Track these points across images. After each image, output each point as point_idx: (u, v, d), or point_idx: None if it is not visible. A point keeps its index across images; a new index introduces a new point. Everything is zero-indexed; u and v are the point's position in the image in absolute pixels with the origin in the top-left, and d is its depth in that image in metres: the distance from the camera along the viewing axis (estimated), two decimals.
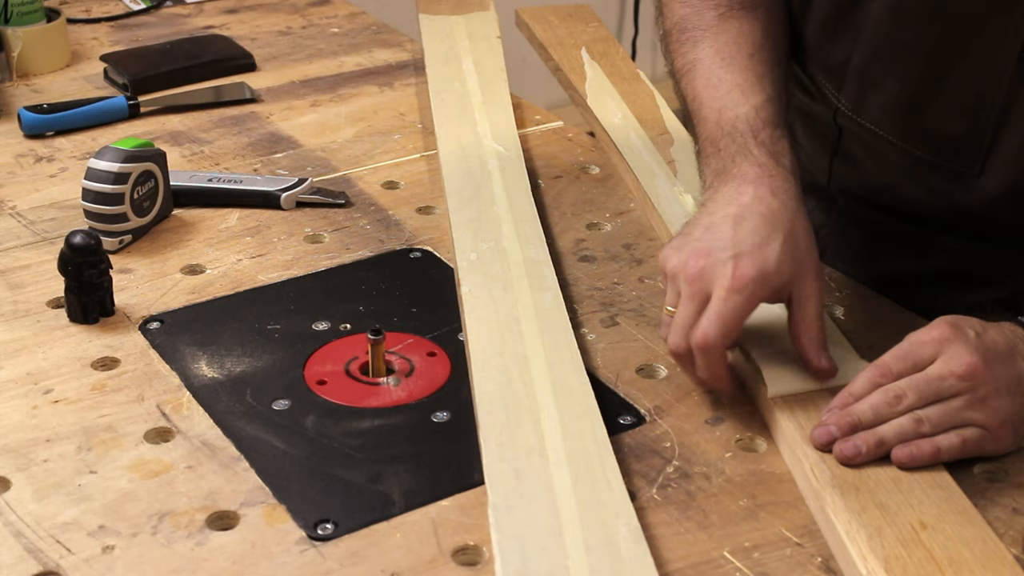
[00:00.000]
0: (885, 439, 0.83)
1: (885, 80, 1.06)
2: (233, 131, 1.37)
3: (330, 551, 0.78)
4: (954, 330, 0.86)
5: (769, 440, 0.88)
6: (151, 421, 0.89)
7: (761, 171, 0.94)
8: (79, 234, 0.99)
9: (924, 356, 0.85)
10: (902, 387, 0.85)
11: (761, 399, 0.91)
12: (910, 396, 0.84)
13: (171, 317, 1.02)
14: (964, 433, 0.84)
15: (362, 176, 1.26)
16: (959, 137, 1.03)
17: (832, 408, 0.86)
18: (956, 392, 0.84)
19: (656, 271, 1.07)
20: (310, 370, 0.95)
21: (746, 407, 0.92)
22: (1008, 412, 0.85)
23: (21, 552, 0.77)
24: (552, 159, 1.30)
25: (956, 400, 0.84)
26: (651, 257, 1.11)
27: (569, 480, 0.80)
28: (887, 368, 0.86)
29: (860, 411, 0.85)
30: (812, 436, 0.85)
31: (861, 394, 0.86)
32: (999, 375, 0.85)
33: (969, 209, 1.07)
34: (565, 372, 0.91)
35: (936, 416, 0.84)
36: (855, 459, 0.83)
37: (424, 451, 0.87)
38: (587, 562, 0.74)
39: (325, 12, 1.74)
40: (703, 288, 0.88)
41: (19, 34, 1.49)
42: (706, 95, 1.03)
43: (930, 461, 0.83)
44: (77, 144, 1.33)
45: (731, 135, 0.98)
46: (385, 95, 1.47)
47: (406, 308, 1.03)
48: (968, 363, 0.84)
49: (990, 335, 0.86)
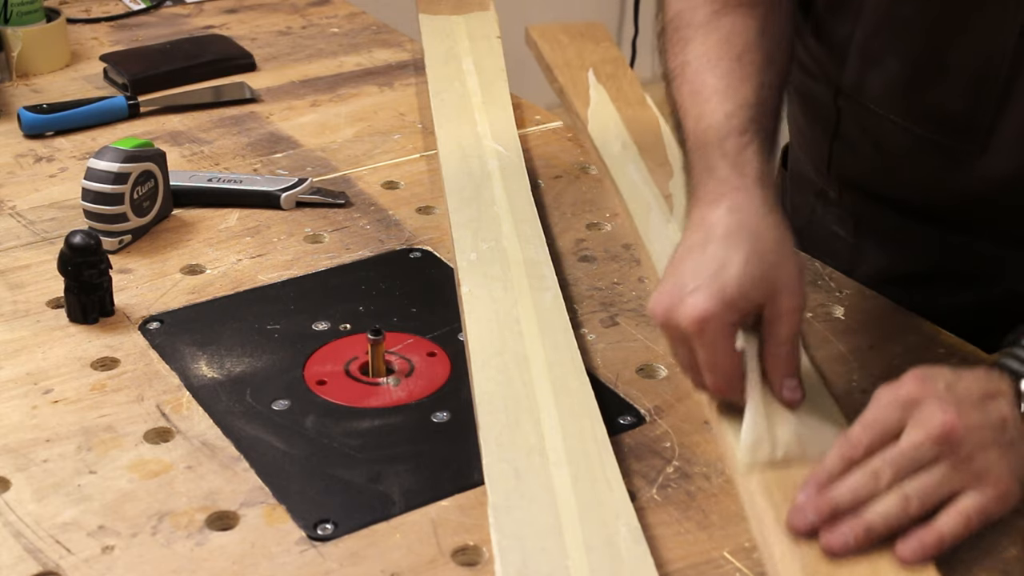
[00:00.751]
0: (872, 526, 0.75)
1: (886, 57, 1.04)
2: (233, 131, 1.37)
3: (330, 551, 0.78)
4: (922, 385, 0.78)
5: None
6: (151, 421, 0.89)
7: (722, 188, 0.88)
8: (79, 234, 0.99)
9: (893, 422, 0.78)
10: (878, 464, 0.77)
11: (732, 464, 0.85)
12: (887, 472, 0.76)
13: (171, 317, 1.02)
14: (963, 508, 0.76)
15: (362, 176, 1.26)
16: (960, 114, 1.01)
17: (808, 487, 0.78)
18: (936, 457, 0.76)
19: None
20: (310, 370, 0.95)
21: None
22: (1000, 464, 0.77)
23: (21, 552, 0.77)
24: (552, 159, 1.30)
25: (939, 467, 0.76)
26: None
27: (569, 480, 0.80)
28: (857, 440, 0.78)
29: (838, 495, 0.76)
30: (788, 521, 0.77)
31: (834, 471, 0.78)
32: (979, 426, 0.77)
33: (968, 197, 1.05)
34: (565, 372, 0.91)
35: (922, 489, 0.76)
36: (844, 551, 0.75)
37: (424, 451, 0.87)
38: (587, 562, 0.74)
39: (325, 12, 1.74)
40: (678, 331, 0.84)
41: (19, 34, 1.49)
42: (689, 103, 0.97)
43: (937, 553, 0.75)
44: (77, 144, 1.33)
45: (701, 149, 0.93)
46: (385, 95, 1.47)
47: (406, 308, 1.03)
48: (942, 423, 0.76)
49: (963, 384, 0.79)
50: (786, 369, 0.86)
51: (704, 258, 0.85)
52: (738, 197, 0.87)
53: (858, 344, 0.99)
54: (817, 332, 1.00)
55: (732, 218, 0.86)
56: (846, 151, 1.16)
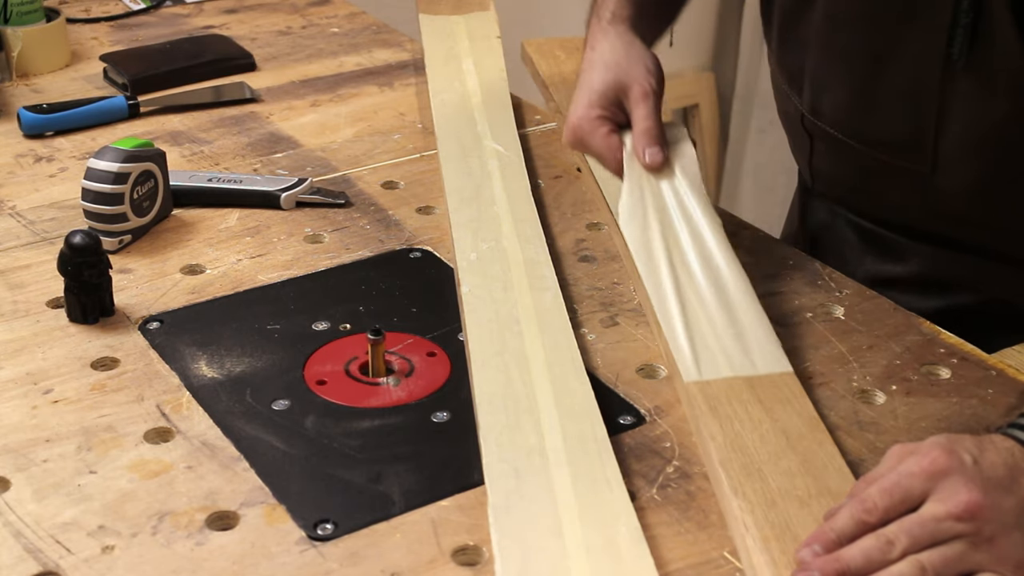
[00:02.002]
0: None
1: (832, 85, 1.12)
2: (233, 131, 1.37)
3: (330, 551, 0.78)
4: (948, 458, 0.75)
5: None
6: (151, 421, 0.89)
7: (590, 35, 1.20)
8: (79, 234, 0.99)
9: (915, 492, 0.75)
10: (894, 531, 0.73)
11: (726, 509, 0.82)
12: (903, 541, 0.73)
13: (171, 317, 1.02)
14: None
15: (362, 176, 1.26)
16: (906, 136, 1.06)
17: (811, 545, 0.74)
18: (957, 535, 0.73)
19: None
20: (310, 370, 0.95)
21: None
22: (1022, 548, 0.74)
23: (21, 552, 0.77)
24: (552, 159, 1.30)
25: (958, 543, 0.73)
26: None
27: (569, 480, 0.80)
28: (873, 504, 0.75)
29: (849, 557, 0.72)
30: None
31: (844, 532, 0.74)
32: (1003, 507, 0.74)
33: (935, 212, 1.09)
34: (565, 372, 0.91)
35: (939, 562, 0.72)
36: None
37: (424, 451, 0.87)
38: (587, 562, 0.74)
39: (325, 12, 1.74)
40: (571, 141, 1.18)
41: (19, 34, 1.49)
42: None
43: None
44: (77, 144, 1.33)
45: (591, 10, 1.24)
46: (385, 95, 1.47)
47: (406, 308, 1.03)
48: (967, 501, 0.73)
49: (988, 458, 0.76)
50: (646, 141, 1.09)
51: (577, 89, 1.17)
52: (596, 37, 1.19)
53: (858, 344, 0.99)
54: (817, 332, 1.00)
55: (592, 54, 1.18)
56: (823, 168, 1.21)
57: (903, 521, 0.74)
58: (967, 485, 0.74)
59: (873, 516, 0.74)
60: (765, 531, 0.76)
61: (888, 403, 0.92)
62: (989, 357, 0.98)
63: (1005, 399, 0.92)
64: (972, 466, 0.75)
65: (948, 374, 0.95)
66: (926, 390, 0.94)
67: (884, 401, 0.92)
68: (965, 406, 0.92)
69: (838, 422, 0.90)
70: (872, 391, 0.93)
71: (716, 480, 0.82)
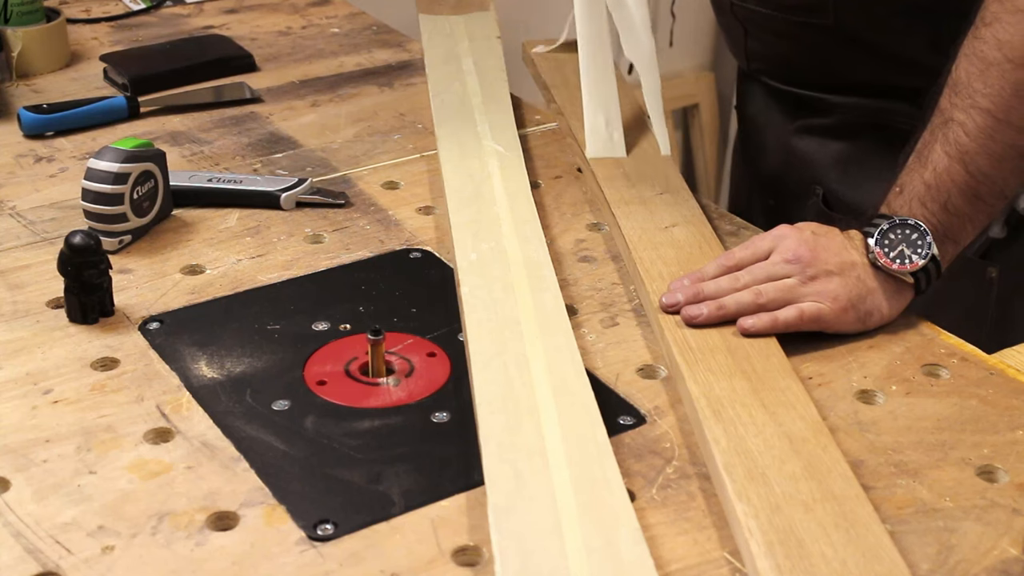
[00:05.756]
0: (725, 306, 0.97)
1: None
2: (233, 131, 1.37)
3: (330, 552, 0.78)
4: (792, 229, 1.01)
5: None
6: (151, 421, 0.89)
7: None
8: (79, 234, 0.99)
9: (763, 248, 1.00)
10: (742, 272, 0.99)
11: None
12: (746, 277, 0.98)
13: (171, 317, 1.02)
14: (800, 306, 0.96)
15: (362, 176, 1.26)
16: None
17: (684, 278, 1.00)
18: (787, 274, 0.98)
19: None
20: (310, 370, 0.95)
21: None
22: (839, 291, 0.97)
23: (21, 552, 0.77)
24: (552, 159, 1.30)
25: (788, 280, 0.97)
26: None
27: (569, 481, 0.80)
28: (731, 255, 1.01)
29: (706, 287, 0.99)
30: (661, 300, 0.98)
31: (707, 272, 1.00)
32: (827, 260, 0.98)
33: (860, 66, 1.26)
34: (565, 373, 0.91)
35: (771, 291, 0.97)
36: (697, 321, 0.96)
37: (424, 451, 0.87)
38: (587, 563, 0.74)
39: (325, 12, 1.74)
40: None
41: (19, 34, 1.49)
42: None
43: (770, 330, 0.96)
44: (77, 144, 1.33)
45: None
46: (385, 95, 1.47)
47: (406, 308, 1.03)
48: (796, 249, 0.98)
49: (827, 235, 1.00)
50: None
51: None
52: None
53: (858, 344, 0.98)
54: (817, 332, 1.00)
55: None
56: (757, 50, 1.37)
57: (751, 266, 1.00)
58: (799, 241, 0.99)
59: (731, 261, 1.00)
60: (769, 536, 0.76)
61: (888, 403, 0.92)
62: (989, 357, 0.98)
63: (1005, 399, 0.92)
64: (810, 235, 1.00)
65: (948, 374, 0.95)
66: (926, 390, 0.94)
67: (884, 401, 0.92)
68: (965, 406, 0.92)
69: (838, 422, 0.90)
70: (872, 391, 0.93)
71: (719, 484, 0.82)
